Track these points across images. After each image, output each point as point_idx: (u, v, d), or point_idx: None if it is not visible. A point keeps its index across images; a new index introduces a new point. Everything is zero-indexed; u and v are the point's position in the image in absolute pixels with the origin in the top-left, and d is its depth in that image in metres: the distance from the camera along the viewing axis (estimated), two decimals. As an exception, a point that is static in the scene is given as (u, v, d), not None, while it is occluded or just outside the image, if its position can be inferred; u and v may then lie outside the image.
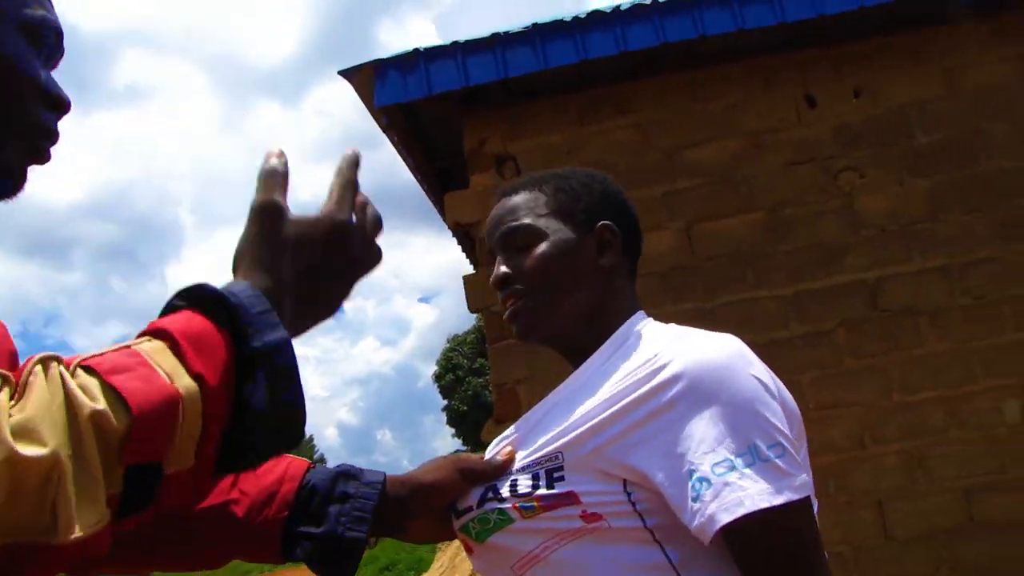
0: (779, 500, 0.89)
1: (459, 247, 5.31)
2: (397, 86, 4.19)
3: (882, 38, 4.45)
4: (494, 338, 4.21)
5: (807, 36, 4.37)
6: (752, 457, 0.91)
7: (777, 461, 0.92)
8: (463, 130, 4.47)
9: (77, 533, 0.53)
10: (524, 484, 1.00)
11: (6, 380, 0.56)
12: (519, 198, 1.14)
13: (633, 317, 1.13)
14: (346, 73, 4.20)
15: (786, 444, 0.95)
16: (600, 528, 0.96)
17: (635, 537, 0.96)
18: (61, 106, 0.82)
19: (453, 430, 34.17)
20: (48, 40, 0.81)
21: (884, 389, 4.17)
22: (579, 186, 1.15)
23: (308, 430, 0.93)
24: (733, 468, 0.90)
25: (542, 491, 0.98)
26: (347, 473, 1.06)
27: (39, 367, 0.57)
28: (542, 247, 1.10)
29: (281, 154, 0.79)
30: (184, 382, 0.61)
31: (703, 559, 0.94)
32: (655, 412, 0.94)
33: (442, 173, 5.42)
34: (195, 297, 0.69)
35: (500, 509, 1.01)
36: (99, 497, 0.56)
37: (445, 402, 33.25)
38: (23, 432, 0.52)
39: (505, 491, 1.01)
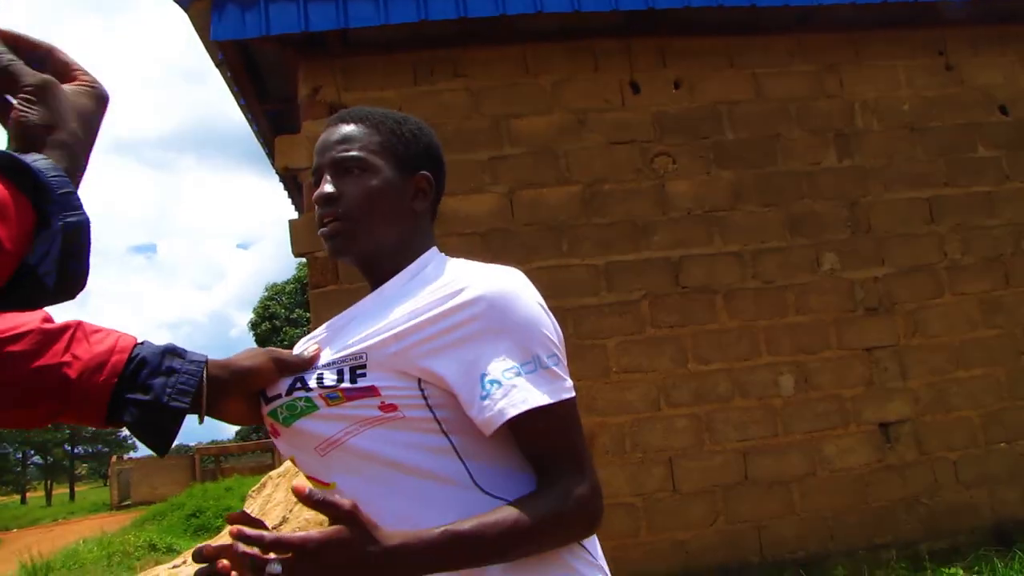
0: (555, 399, 1.06)
1: (285, 192, 5.25)
2: (235, 22, 4.11)
3: (704, 38, 4.83)
4: (316, 284, 4.21)
5: (637, 26, 4.69)
6: (535, 365, 1.06)
7: (554, 368, 1.08)
8: (298, 76, 4.45)
9: None
10: (330, 378, 1.10)
11: None
12: (357, 129, 1.21)
13: (431, 251, 1.23)
14: (182, 2, 4.09)
15: (560, 355, 1.11)
16: (395, 417, 1.08)
17: (424, 426, 1.09)
18: None
19: (267, 380, 32.70)
20: None
21: (679, 358, 4.51)
22: (410, 135, 1.24)
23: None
24: (519, 374, 1.05)
25: (346, 384, 1.09)
26: (173, 351, 1.11)
27: None
28: (370, 180, 1.18)
29: None
30: None
31: (479, 446, 1.08)
32: (455, 326, 1.07)
33: (272, 117, 5.38)
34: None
35: (307, 398, 1.10)
36: None
37: (259, 351, 32.17)
38: None
39: (312, 383, 1.11)
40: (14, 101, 0.81)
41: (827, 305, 4.71)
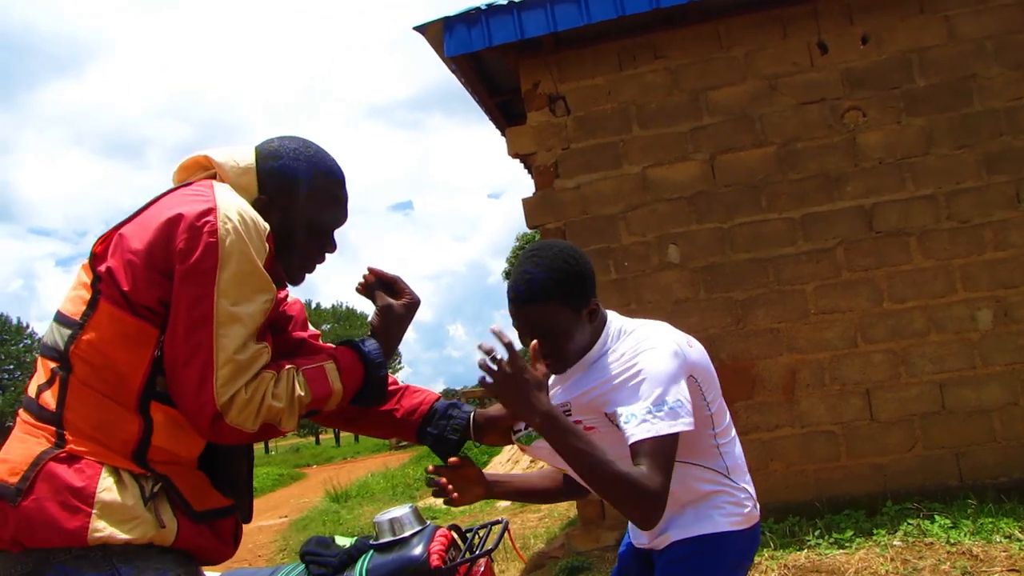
0: (666, 432, 1.70)
1: (522, 167, 6.14)
2: (463, 38, 4.89)
3: (890, -11, 5.00)
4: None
5: (822, -12, 4.96)
6: (661, 408, 1.71)
7: (675, 409, 1.72)
8: (519, 73, 5.17)
9: (289, 428, 1.52)
10: None
11: (272, 373, 1.48)
12: (538, 310, 1.84)
13: (608, 324, 1.92)
14: (419, 28, 4.92)
15: (683, 401, 1.74)
16: (594, 431, 1.82)
17: (612, 430, 1.80)
18: (332, 251, 1.73)
19: (523, 325, 33.66)
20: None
21: (875, 298, 4.88)
22: (578, 275, 1.85)
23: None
24: (650, 412, 1.71)
25: None
26: (455, 404, 2.00)
27: (286, 370, 1.49)
28: (557, 338, 1.85)
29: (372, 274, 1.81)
30: (337, 387, 1.58)
31: None
32: (620, 384, 1.78)
33: (502, 105, 6.21)
34: (353, 345, 1.66)
35: None
36: (295, 419, 1.51)
37: (516, 298, 33.25)
38: (275, 396, 1.45)
39: None
40: (372, 311, 1.76)
41: (1029, 240, 4.81)
